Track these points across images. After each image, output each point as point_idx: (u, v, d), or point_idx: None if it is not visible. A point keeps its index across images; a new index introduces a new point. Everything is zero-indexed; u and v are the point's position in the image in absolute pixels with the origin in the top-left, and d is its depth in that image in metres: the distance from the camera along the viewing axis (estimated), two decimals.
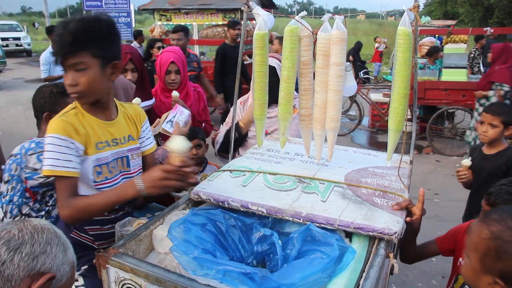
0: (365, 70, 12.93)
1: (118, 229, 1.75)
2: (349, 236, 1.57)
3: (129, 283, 1.39)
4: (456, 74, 6.91)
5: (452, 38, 8.49)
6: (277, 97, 1.95)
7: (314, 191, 1.75)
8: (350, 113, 9.37)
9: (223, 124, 2.88)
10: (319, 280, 1.28)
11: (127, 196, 1.59)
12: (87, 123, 1.67)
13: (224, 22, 8.62)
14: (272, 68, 2.33)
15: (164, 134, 2.68)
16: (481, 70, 9.78)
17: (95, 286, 1.66)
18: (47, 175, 1.59)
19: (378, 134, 8.45)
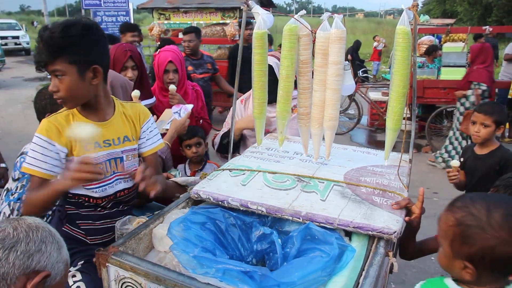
0: (364, 69, 12.93)
1: (118, 227, 1.75)
2: (349, 235, 1.57)
3: (129, 282, 1.40)
4: (455, 73, 6.89)
5: (451, 37, 8.47)
6: (276, 96, 1.95)
7: (314, 190, 1.75)
8: (349, 112, 9.37)
9: (224, 125, 2.88)
10: (319, 279, 1.28)
11: (56, 189, 1.62)
12: None
13: (223, 21, 8.61)
14: (270, 67, 2.33)
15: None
16: None
17: (93, 281, 1.67)
18: (23, 172, 1.67)
19: (377, 133, 8.45)
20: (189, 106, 2.78)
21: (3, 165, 2.94)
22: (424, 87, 6.84)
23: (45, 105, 2.14)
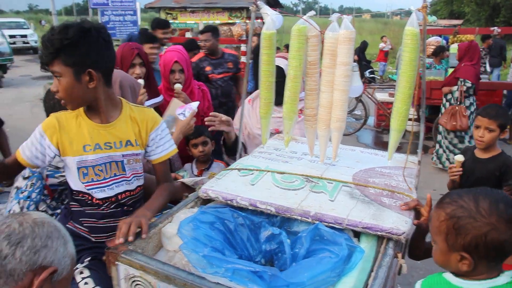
0: (371, 70, 12.90)
1: None
2: (357, 236, 1.58)
3: (139, 280, 1.41)
4: None
5: (459, 38, 8.46)
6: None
7: (322, 191, 1.75)
8: (356, 113, 9.36)
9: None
10: (328, 279, 1.28)
11: None
12: (79, 125, 1.73)
13: (230, 21, 8.62)
14: (281, 69, 2.33)
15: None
16: (487, 70, 9.73)
17: (101, 278, 1.69)
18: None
19: (384, 134, 8.43)
20: (195, 104, 2.77)
21: None
22: (431, 88, 6.82)
23: (54, 105, 2.15)
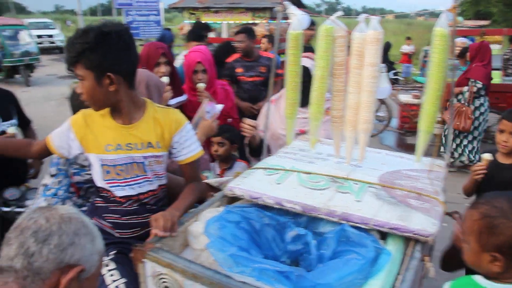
0: (395, 71, 12.75)
1: None
2: (383, 238, 1.56)
3: (166, 278, 1.42)
4: None
5: (485, 39, 8.29)
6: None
7: (348, 191, 1.75)
8: (379, 114, 9.24)
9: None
10: (355, 281, 1.28)
11: None
12: (104, 124, 1.77)
13: (254, 21, 8.63)
14: (306, 69, 2.33)
15: None
16: None
17: (126, 271, 1.71)
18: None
19: (407, 136, 8.30)
20: (219, 107, 2.78)
21: None
22: None
23: (80, 103, 2.19)
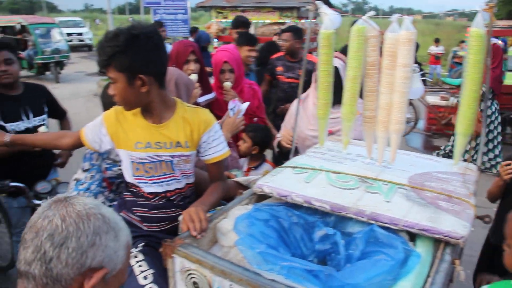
0: (422, 72, 12.55)
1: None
2: (412, 240, 1.55)
3: (195, 274, 1.44)
4: None
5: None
6: (340, 97, 1.95)
7: (378, 191, 1.73)
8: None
9: (281, 128, 2.89)
10: (384, 282, 1.27)
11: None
12: (135, 122, 1.81)
13: (281, 21, 8.62)
14: (335, 69, 2.32)
15: None
16: None
17: (154, 263, 1.74)
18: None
19: (434, 138, 8.18)
20: (244, 105, 2.78)
21: None
22: None
23: (112, 101, 2.23)
